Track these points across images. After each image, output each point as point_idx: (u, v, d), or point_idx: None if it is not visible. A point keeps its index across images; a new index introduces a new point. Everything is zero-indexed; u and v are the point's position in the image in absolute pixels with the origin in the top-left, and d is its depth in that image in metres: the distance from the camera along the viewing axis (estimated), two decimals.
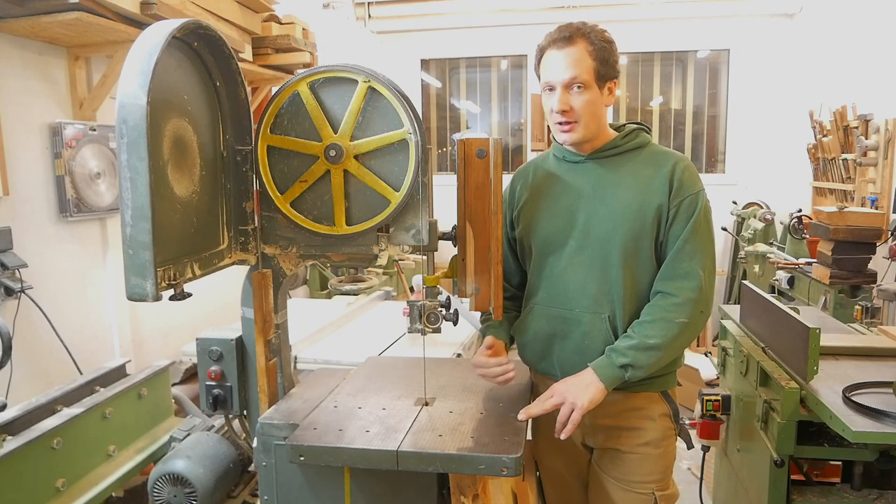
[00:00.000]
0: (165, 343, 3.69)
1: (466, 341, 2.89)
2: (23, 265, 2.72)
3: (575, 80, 1.70)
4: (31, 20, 2.60)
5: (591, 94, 1.72)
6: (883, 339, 2.56)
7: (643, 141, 1.83)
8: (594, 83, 1.72)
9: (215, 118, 1.77)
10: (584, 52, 1.71)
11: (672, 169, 1.75)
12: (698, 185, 1.75)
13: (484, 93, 7.66)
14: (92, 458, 2.13)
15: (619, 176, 1.79)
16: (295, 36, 4.07)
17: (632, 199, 1.76)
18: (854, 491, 2.12)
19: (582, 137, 1.77)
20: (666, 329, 1.69)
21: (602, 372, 1.69)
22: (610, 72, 1.74)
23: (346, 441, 1.56)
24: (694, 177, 1.76)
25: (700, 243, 1.72)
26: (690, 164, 1.79)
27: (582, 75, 1.70)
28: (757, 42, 6.49)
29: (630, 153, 1.82)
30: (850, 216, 3.91)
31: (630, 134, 1.83)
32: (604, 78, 1.74)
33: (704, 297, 1.72)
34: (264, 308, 1.84)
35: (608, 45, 1.74)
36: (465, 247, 1.75)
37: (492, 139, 1.67)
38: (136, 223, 1.38)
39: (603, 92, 1.75)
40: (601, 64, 1.72)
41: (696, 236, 1.72)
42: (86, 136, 3.09)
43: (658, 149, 1.84)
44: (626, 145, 1.81)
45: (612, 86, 1.78)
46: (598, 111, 1.75)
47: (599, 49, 1.72)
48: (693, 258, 1.72)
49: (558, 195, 1.85)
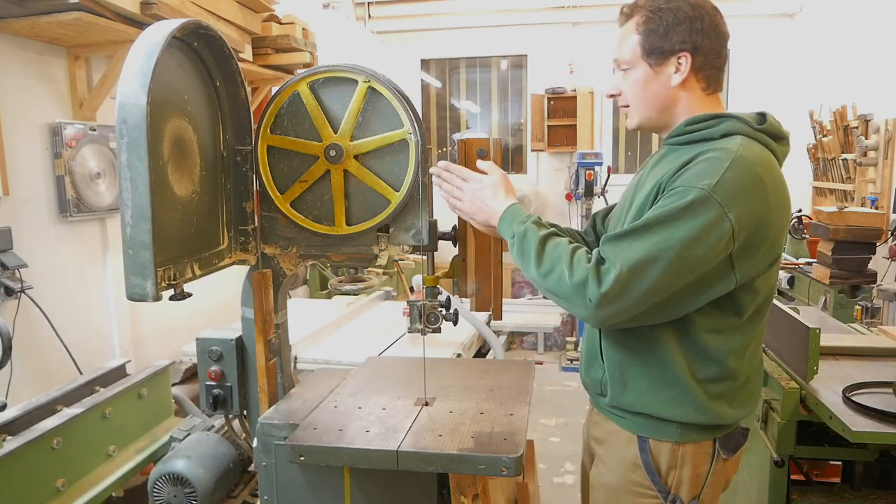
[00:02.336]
0: (165, 343, 3.69)
1: (466, 341, 2.89)
2: (23, 265, 2.72)
3: (616, 62, 1.50)
4: (31, 20, 2.60)
5: (635, 74, 1.47)
6: (883, 339, 2.56)
7: (726, 130, 1.40)
8: (641, 60, 1.45)
9: (215, 118, 1.77)
10: (631, 27, 1.47)
11: (694, 156, 1.37)
12: (702, 182, 1.30)
13: (484, 93, 7.66)
14: (92, 458, 2.13)
15: (663, 164, 1.47)
16: (295, 36, 4.07)
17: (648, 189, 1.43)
18: (854, 491, 2.12)
19: (637, 123, 1.53)
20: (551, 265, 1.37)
21: (508, 215, 1.52)
22: (664, 44, 1.42)
23: (346, 441, 1.56)
24: (706, 171, 1.31)
25: (647, 238, 1.29)
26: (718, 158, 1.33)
27: (622, 55, 1.48)
28: (757, 42, 6.49)
29: (702, 143, 1.41)
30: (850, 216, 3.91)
31: (704, 122, 1.43)
32: (656, 52, 1.43)
33: (602, 295, 1.28)
34: (264, 308, 1.84)
35: (658, 14, 1.42)
36: (465, 247, 1.75)
37: (492, 139, 1.67)
38: (136, 223, 1.38)
39: (660, 70, 1.44)
40: (648, 36, 1.43)
41: (648, 228, 1.30)
42: (86, 136, 3.09)
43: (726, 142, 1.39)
44: (697, 133, 1.44)
45: (682, 61, 1.43)
46: (652, 93, 1.47)
47: (646, 20, 1.43)
48: (629, 247, 1.30)
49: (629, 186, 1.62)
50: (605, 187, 6.46)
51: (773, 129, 1.45)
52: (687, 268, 1.29)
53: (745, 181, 1.31)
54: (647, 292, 1.29)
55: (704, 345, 1.42)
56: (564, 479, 3.64)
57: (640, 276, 1.28)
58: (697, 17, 1.42)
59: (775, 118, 1.48)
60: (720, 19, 1.46)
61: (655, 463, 1.48)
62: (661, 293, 1.30)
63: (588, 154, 6.40)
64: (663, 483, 1.49)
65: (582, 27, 6.95)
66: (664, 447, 1.48)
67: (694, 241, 1.28)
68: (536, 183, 7.33)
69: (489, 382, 1.92)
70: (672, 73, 1.44)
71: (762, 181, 1.33)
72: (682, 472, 1.48)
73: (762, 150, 1.40)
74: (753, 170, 1.33)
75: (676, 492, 1.48)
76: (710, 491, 1.52)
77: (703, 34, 1.42)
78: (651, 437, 1.48)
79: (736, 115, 1.43)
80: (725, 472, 1.54)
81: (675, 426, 1.46)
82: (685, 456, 1.47)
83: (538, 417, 4.37)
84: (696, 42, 1.42)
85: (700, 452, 1.48)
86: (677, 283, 1.30)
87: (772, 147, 1.44)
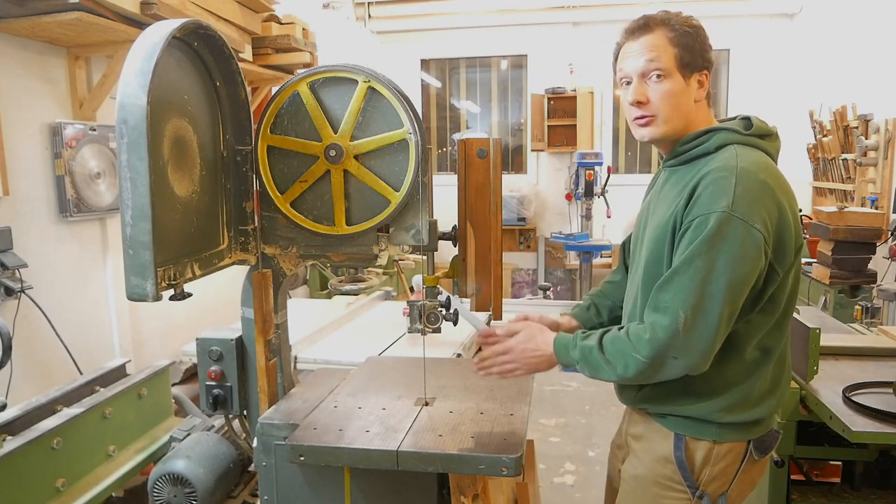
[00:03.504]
0: (165, 343, 3.69)
1: (466, 341, 2.89)
2: (23, 265, 2.72)
3: (652, 67, 1.48)
4: (31, 20, 2.60)
5: (672, 84, 1.48)
6: (883, 339, 2.56)
7: (719, 142, 1.47)
8: (676, 72, 1.47)
9: (215, 118, 1.77)
10: (663, 38, 1.48)
11: (699, 180, 1.42)
12: (719, 204, 1.36)
13: (484, 93, 7.67)
14: (92, 458, 2.13)
15: (668, 188, 1.54)
16: (295, 36, 4.07)
17: (660, 219, 1.51)
18: (854, 491, 2.12)
19: (663, 134, 1.52)
20: (623, 360, 1.44)
21: (559, 349, 1.54)
22: (696, 60, 1.48)
23: (346, 441, 1.56)
24: (718, 194, 1.37)
25: (692, 276, 1.36)
26: (724, 178, 1.39)
27: (661, 60, 1.47)
28: (757, 42, 6.50)
29: (700, 160, 1.49)
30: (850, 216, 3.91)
31: (701, 136, 1.50)
32: (689, 67, 1.48)
33: (680, 341, 1.36)
34: (264, 308, 1.84)
35: (693, 30, 1.49)
36: (465, 247, 1.76)
37: (492, 139, 1.67)
38: (136, 223, 1.38)
39: (689, 83, 1.49)
40: (684, 51, 1.47)
41: (689, 266, 1.37)
42: (86, 136, 3.09)
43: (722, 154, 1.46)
44: (693, 150, 1.51)
45: (703, 78, 1.51)
46: (682, 105, 1.50)
47: (682, 34, 1.48)
48: (677, 292, 1.37)
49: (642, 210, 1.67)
50: (605, 187, 6.46)
51: (760, 130, 1.53)
52: (741, 287, 1.38)
53: (755, 191, 1.39)
54: (717, 325, 1.37)
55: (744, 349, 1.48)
56: (564, 479, 3.64)
57: (704, 312, 1.37)
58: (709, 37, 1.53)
59: (759, 119, 1.55)
60: None
61: (690, 459, 1.53)
62: (730, 319, 1.39)
63: (588, 154, 6.40)
64: (694, 479, 1.53)
65: (582, 27, 6.96)
66: (701, 445, 1.52)
67: (737, 261, 1.36)
68: (536, 183, 7.33)
69: (489, 382, 1.92)
70: (696, 87, 1.51)
71: (768, 185, 1.41)
72: (714, 469, 1.52)
73: (757, 154, 1.48)
74: (758, 177, 1.40)
75: (706, 488, 1.53)
76: (738, 488, 1.56)
77: (712, 56, 1.54)
78: (690, 434, 1.53)
79: (724, 126, 1.51)
80: (753, 472, 1.59)
81: (714, 426, 1.51)
82: (720, 454, 1.51)
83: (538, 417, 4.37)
84: (711, 61, 1.53)
85: (735, 452, 1.52)
86: (738, 302, 1.39)
87: (763, 147, 1.51)
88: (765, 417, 1.53)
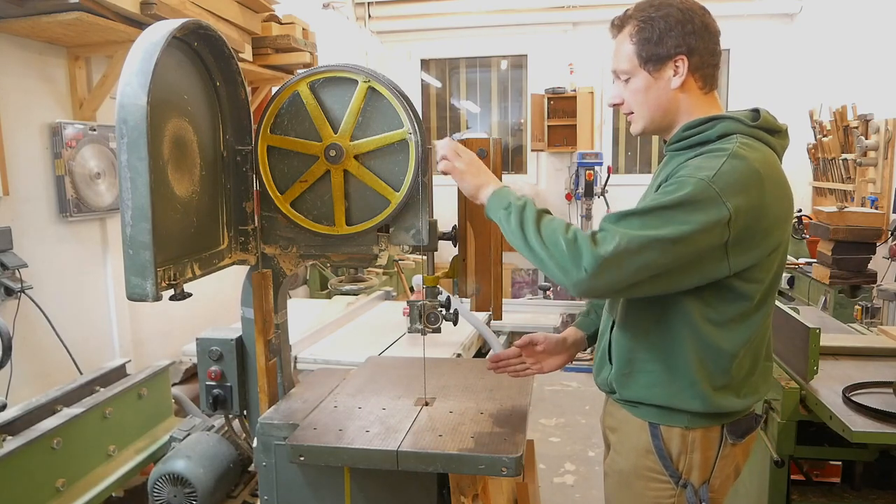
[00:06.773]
0: (165, 343, 3.69)
1: (466, 341, 2.89)
2: (23, 265, 2.72)
3: (619, 69, 1.53)
4: (31, 20, 2.60)
5: (636, 83, 1.50)
6: (883, 339, 2.56)
7: (722, 131, 1.43)
8: (639, 69, 1.49)
9: (215, 118, 1.77)
10: (626, 35, 1.50)
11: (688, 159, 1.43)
12: (701, 173, 1.34)
13: (484, 93, 7.67)
14: (92, 458, 2.13)
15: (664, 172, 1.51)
16: (295, 36, 4.07)
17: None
18: (854, 491, 2.12)
19: (642, 128, 1.56)
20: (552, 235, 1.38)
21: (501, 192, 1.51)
22: (658, 51, 1.45)
23: (346, 441, 1.56)
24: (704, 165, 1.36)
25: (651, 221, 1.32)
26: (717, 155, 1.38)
27: (620, 65, 1.52)
28: (757, 42, 6.49)
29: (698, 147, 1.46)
30: (850, 216, 3.91)
31: (700, 125, 1.47)
32: (652, 60, 1.47)
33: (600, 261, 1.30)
34: (264, 308, 1.84)
35: (650, 21, 1.46)
36: (465, 247, 1.75)
37: (492, 139, 1.67)
38: (136, 223, 1.38)
39: (659, 76, 1.47)
40: (642, 46, 1.47)
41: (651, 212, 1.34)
42: (86, 136, 3.09)
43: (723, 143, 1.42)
44: (695, 137, 1.47)
45: (679, 65, 1.46)
46: (652, 99, 1.50)
47: (640, 29, 1.47)
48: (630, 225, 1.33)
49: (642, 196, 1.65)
50: (605, 187, 6.46)
51: (768, 125, 1.48)
52: (682, 250, 1.33)
53: (742, 174, 1.35)
54: (641, 267, 1.32)
55: (713, 338, 1.45)
56: (564, 479, 3.64)
57: (639, 252, 1.31)
58: (688, 19, 1.45)
59: (769, 113, 1.50)
60: (710, 18, 1.50)
61: (667, 448, 1.52)
62: (653, 269, 1.34)
63: (588, 154, 6.40)
64: (674, 468, 1.52)
65: (582, 27, 6.95)
66: (675, 433, 1.51)
67: (691, 225, 1.32)
68: (536, 183, 7.33)
69: (489, 382, 1.92)
70: (671, 76, 1.48)
71: (759, 175, 1.36)
72: (693, 457, 1.51)
73: (760, 146, 1.43)
74: (750, 164, 1.37)
75: (687, 476, 1.52)
76: (720, 475, 1.54)
77: (695, 36, 1.46)
78: (662, 423, 1.52)
79: (730, 115, 1.47)
80: (734, 457, 1.57)
81: (684, 414, 1.50)
82: (695, 441, 1.51)
83: (538, 417, 4.37)
84: (690, 44, 1.45)
85: (709, 437, 1.51)
86: (671, 263, 1.34)
87: (769, 142, 1.47)
88: (736, 402, 1.50)
